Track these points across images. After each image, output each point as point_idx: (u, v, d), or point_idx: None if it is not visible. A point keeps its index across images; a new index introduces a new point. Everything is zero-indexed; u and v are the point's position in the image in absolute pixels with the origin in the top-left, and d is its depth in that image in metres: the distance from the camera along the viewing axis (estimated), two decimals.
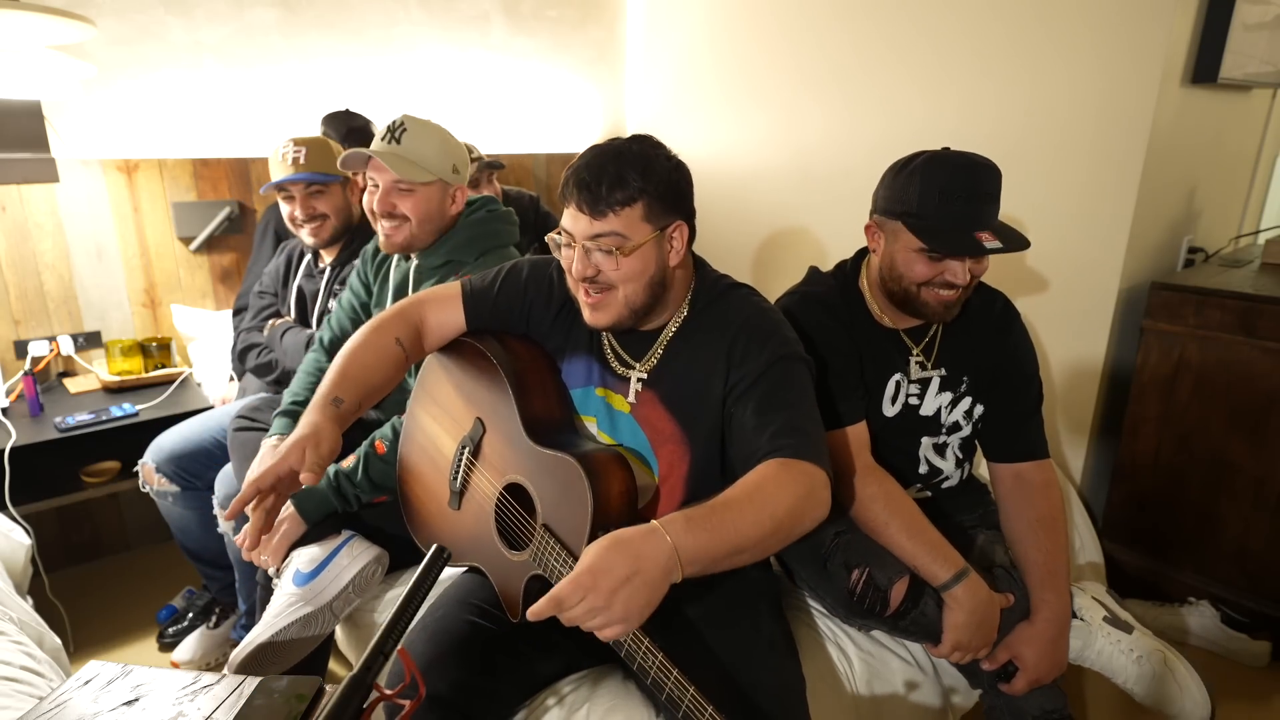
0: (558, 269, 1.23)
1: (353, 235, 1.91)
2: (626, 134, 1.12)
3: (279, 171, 1.82)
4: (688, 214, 1.12)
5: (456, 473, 1.26)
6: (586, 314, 1.14)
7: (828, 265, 1.48)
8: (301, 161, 1.81)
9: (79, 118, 2.18)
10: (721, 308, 1.16)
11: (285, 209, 1.86)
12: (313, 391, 1.54)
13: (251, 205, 2.47)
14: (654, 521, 0.91)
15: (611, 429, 1.20)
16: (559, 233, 1.12)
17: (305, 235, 1.86)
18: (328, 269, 1.91)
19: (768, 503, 0.97)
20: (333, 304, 1.81)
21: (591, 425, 1.22)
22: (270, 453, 1.46)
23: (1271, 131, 2.55)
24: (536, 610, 0.85)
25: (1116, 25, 1.87)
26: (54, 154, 2.13)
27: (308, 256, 1.98)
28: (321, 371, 1.44)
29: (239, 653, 1.28)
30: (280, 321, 1.94)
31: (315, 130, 2.27)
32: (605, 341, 1.21)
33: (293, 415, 1.52)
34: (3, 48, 1.69)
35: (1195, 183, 2.19)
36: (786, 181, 2.73)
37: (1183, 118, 1.97)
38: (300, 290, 1.95)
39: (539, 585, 1.10)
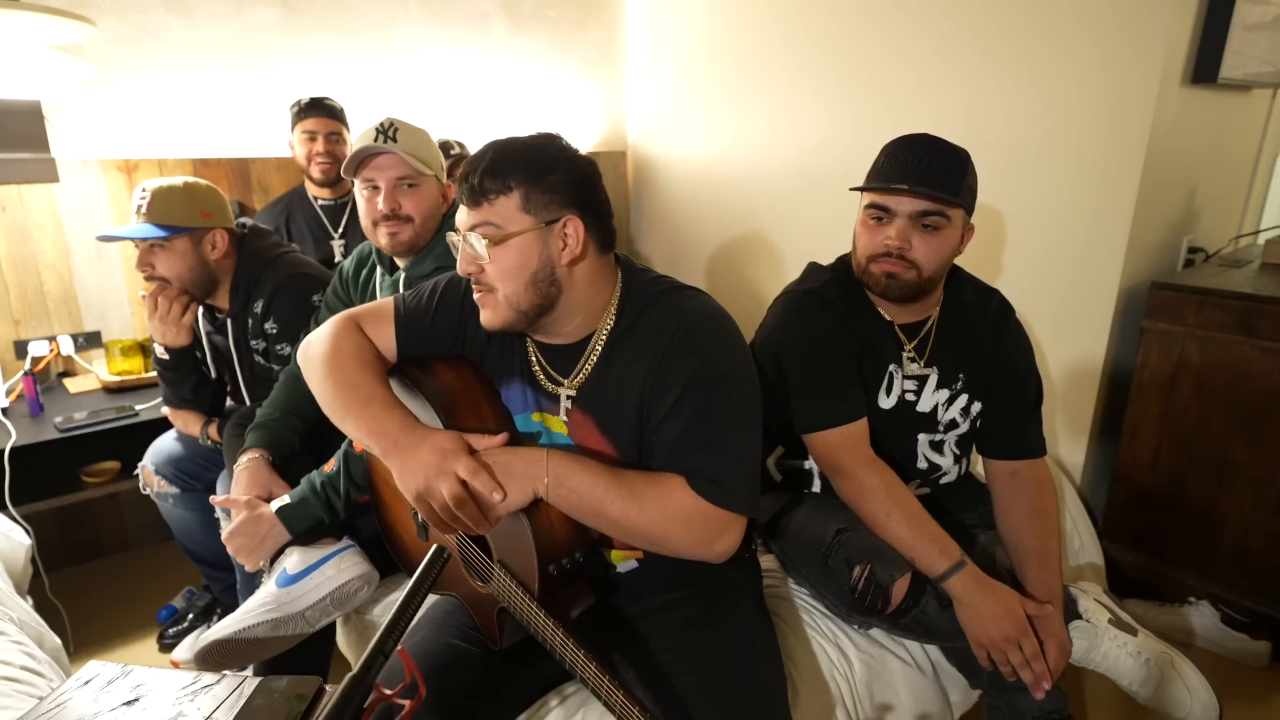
0: None
1: (247, 283, 1.73)
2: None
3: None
4: (590, 210, 1.04)
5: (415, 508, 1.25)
6: (481, 315, 1.09)
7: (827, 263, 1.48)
8: (144, 211, 1.61)
9: (79, 118, 2.18)
10: (654, 317, 1.07)
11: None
12: (289, 406, 1.51)
13: (252, 205, 2.47)
14: (548, 449, 1.04)
15: None
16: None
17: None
18: (228, 320, 1.77)
19: (646, 513, 1.01)
20: (255, 353, 1.75)
21: None
22: (246, 474, 1.43)
23: (1271, 131, 2.55)
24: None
25: (1116, 25, 1.87)
26: (54, 154, 2.13)
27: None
28: (300, 383, 1.39)
29: (201, 641, 1.26)
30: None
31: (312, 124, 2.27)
32: (532, 359, 1.14)
33: (267, 429, 1.50)
34: (3, 48, 1.69)
35: (1195, 183, 2.19)
36: (787, 181, 2.73)
37: (1183, 118, 1.97)
38: (214, 345, 1.82)
39: (508, 616, 1.09)
